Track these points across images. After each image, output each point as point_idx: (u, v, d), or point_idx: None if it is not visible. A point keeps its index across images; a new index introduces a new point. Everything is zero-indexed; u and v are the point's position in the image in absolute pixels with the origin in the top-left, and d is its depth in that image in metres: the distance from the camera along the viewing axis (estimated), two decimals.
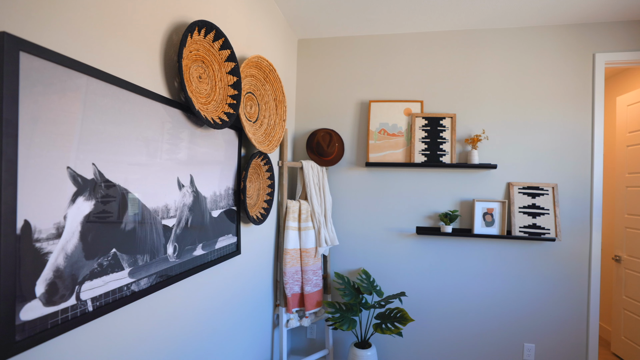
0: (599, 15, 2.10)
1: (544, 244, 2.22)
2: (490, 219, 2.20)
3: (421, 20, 2.21)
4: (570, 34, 2.22)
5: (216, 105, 1.37)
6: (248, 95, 1.66)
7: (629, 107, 2.78)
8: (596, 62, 2.20)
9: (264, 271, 2.00)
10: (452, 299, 2.31)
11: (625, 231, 2.78)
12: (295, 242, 2.08)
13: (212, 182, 1.43)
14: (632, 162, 2.73)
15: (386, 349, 2.38)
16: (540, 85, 2.24)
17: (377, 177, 2.38)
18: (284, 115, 1.89)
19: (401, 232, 2.35)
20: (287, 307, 2.05)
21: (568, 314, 2.21)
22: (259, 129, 1.75)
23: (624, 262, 2.79)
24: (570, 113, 2.22)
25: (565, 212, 2.21)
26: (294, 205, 2.10)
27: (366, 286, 2.18)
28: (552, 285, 2.22)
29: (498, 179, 2.26)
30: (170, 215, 1.16)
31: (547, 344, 2.23)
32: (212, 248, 1.43)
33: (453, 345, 2.31)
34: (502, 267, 2.26)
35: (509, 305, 2.26)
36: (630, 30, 2.16)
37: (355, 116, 2.42)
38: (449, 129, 2.25)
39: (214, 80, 1.36)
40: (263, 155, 1.78)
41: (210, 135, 1.42)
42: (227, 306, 1.59)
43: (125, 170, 0.96)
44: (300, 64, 2.50)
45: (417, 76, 2.35)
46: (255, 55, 1.60)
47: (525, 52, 2.26)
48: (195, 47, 1.23)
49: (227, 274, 1.59)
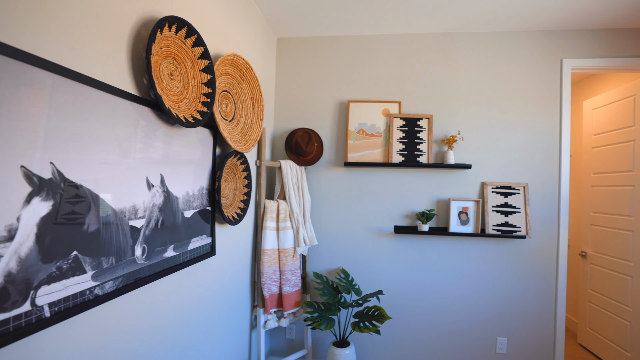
0: (566, 23, 2.20)
1: (516, 242, 2.30)
2: (465, 218, 2.26)
3: (399, 22, 2.24)
4: (539, 40, 2.31)
5: (189, 103, 1.34)
6: (224, 94, 1.64)
7: (594, 110, 2.92)
8: (563, 68, 2.30)
9: (241, 272, 1.97)
10: (429, 297, 2.36)
11: (591, 228, 2.93)
12: (273, 242, 2.07)
13: (184, 181, 1.40)
14: (597, 162, 2.88)
15: (365, 347, 2.40)
16: (513, 88, 2.32)
17: (356, 176, 2.40)
18: (261, 114, 1.87)
19: (379, 231, 2.38)
20: (265, 308, 2.03)
21: (538, 307, 2.30)
22: (235, 128, 1.72)
23: (589, 258, 2.94)
24: (540, 115, 2.31)
25: (535, 211, 2.30)
26: (272, 205, 2.09)
27: (345, 285, 2.19)
28: (523, 281, 2.31)
29: (473, 179, 2.33)
30: (138, 216, 1.13)
31: (518, 337, 2.31)
32: (185, 249, 1.40)
33: (430, 342, 2.36)
34: (477, 264, 2.33)
35: (483, 301, 2.33)
36: (596, 38, 2.27)
37: (334, 116, 2.43)
38: (426, 130, 2.29)
39: (187, 77, 1.33)
40: (239, 155, 1.76)
41: (183, 134, 1.38)
42: (201, 308, 1.56)
43: (89, 170, 0.92)
44: (280, 63, 2.49)
45: (395, 77, 2.39)
46: (231, 53, 1.58)
47: (499, 56, 2.33)
48: (166, 43, 1.20)
49: (202, 275, 1.56)
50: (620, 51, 2.26)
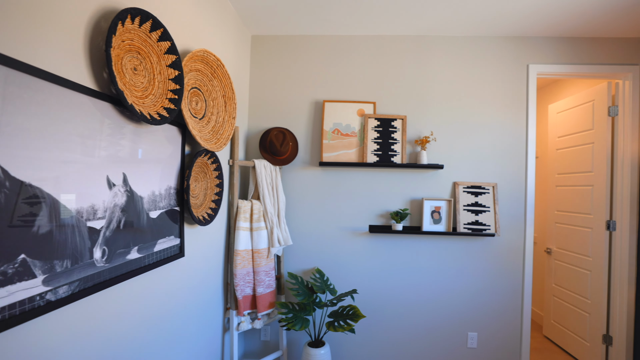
0: (532, 30, 2.30)
1: (485, 239, 2.38)
2: (437, 217, 2.32)
3: (375, 24, 2.26)
4: (508, 46, 2.40)
5: (155, 99, 1.29)
6: (193, 91, 1.59)
7: (558, 114, 3.07)
8: (530, 73, 2.41)
9: (213, 274, 1.93)
10: (402, 294, 2.40)
11: (555, 226, 3.08)
12: (247, 242, 2.04)
13: (150, 181, 1.35)
14: (560, 163, 3.03)
15: (340, 346, 2.41)
16: (483, 91, 2.40)
17: (331, 176, 2.40)
18: (233, 112, 1.83)
19: (355, 231, 2.40)
20: (238, 310, 2.00)
21: (506, 302, 2.39)
22: (206, 126, 1.68)
23: (554, 254, 3.09)
24: (508, 118, 2.40)
25: (504, 210, 2.39)
26: (245, 205, 2.05)
27: (320, 285, 2.19)
28: (492, 277, 2.39)
29: (445, 179, 2.39)
30: (97, 217, 1.07)
31: (488, 331, 2.39)
32: (150, 251, 1.35)
33: (404, 338, 2.40)
34: (449, 262, 2.39)
35: (454, 298, 2.40)
36: (559, 46, 2.39)
37: (309, 116, 2.42)
38: (400, 130, 2.33)
39: (152, 73, 1.28)
40: (210, 154, 1.72)
41: (149, 132, 1.33)
42: (169, 312, 1.51)
43: (40, 168, 0.87)
44: (254, 61, 2.45)
45: (370, 78, 2.41)
46: (201, 49, 1.53)
47: (470, 59, 2.41)
48: (129, 36, 1.15)
49: (169, 277, 1.51)
50: (581, 58, 2.38)
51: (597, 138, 2.59)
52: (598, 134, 2.58)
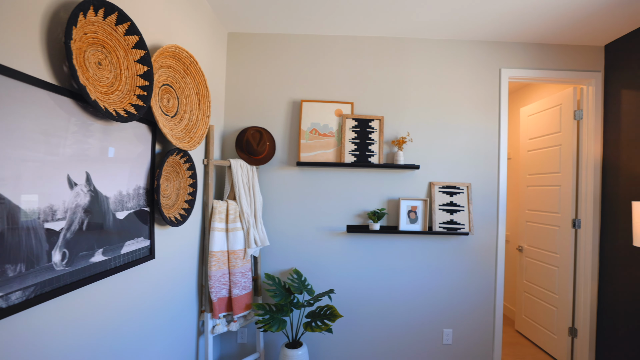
0: (505, 35, 2.38)
1: (460, 238, 2.44)
2: (414, 216, 2.36)
3: (353, 24, 2.27)
4: (482, 50, 2.47)
5: (121, 96, 1.24)
6: (165, 88, 1.54)
7: (529, 117, 3.20)
8: (502, 76, 2.49)
9: (186, 276, 1.87)
10: (380, 293, 2.42)
11: (526, 224, 3.20)
12: (222, 243, 2.00)
13: (117, 180, 1.30)
14: (531, 164, 3.15)
15: (319, 346, 2.40)
16: (458, 94, 2.46)
17: (309, 176, 2.40)
18: (208, 110, 1.79)
19: (332, 231, 2.40)
20: (213, 313, 1.95)
21: (479, 299, 2.46)
22: (178, 124, 1.63)
23: (525, 252, 3.21)
24: (482, 120, 2.47)
25: (477, 209, 2.46)
26: (220, 206, 2.01)
27: (297, 286, 2.17)
28: (466, 275, 2.45)
29: (421, 179, 2.43)
30: (57, 218, 1.02)
31: (462, 328, 2.45)
32: (117, 253, 1.30)
33: (381, 337, 2.43)
34: (425, 260, 2.43)
35: (430, 296, 2.44)
36: (530, 51, 2.48)
37: (287, 115, 2.40)
38: (377, 131, 2.35)
39: (119, 68, 1.23)
40: (183, 153, 1.67)
41: (116, 129, 1.28)
42: (139, 316, 1.45)
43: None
44: (231, 59, 2.41)
45: (348, 78, 2.42)
46: (172, 45, 1.49)
47: (446, 62, 2.46)
48: (92, 29, 1.10)
49: (139, 280, 1.45)
50: (549, 64, 2.49)
51: (564, 140, 2.71)
52: (565, 136, 2.70)
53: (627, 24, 2.18)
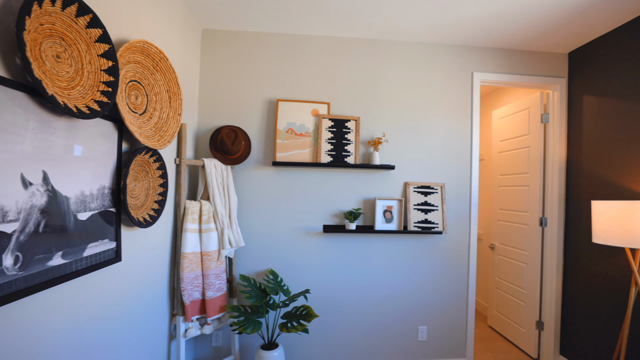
0: (476, 40, 2.45)
1: (434, 237, 2.50)
2: (389, 216, 2.39)
3: (330, 25, 2.28)
4: (455, 53, 2.54)
5: (83, 91, 1.18)
6: (133, 84, 1.49)
7: (500, 119, 3.32)
8: (474, 80, 2.57)
9: (157, 279, 1.82)
10: (356, 292, 2.44)
11: (498, 223, 3.32)
12: (195, 245, 1.95)
13: (79, 180, 1.24)
14: (502, 165, 3.27)
15: (295, 347, 2.39)
16: (433, 96, 2.52)
17: (285, 176, 2.38)
18: (179, 108, 1.75)
19: (309, 231, 2.40)
20: (186, 316, 1.90)
21: (453, 296, 2.52)
22: (148, 122, 1.58)
23: (496, 250, 3.32)
24: (455, 122, 2.54)
25: (451, 208, 2.53)
26: (193, 206, 1.97)
27: (273, 286, 2.16)
28: (440, 273, 2.51)
29: (396, 179, 2.47)
30: (9, 219, 0.96)
31: (436, 324, 2.51)
32: (79, 256, 1.24)
33: (358, 335, 2.44)
34: (400, 259, 2.47)
35: (406, 293, 2.48)
36: (500, 56, 2.57)
37: (262, 114, 2.38)
38: (353, 131, 2.37)
39: (80, 62, 1.17)
40: (152, 152, 1.62)
41: (78, 126, 1.22)
42: (103, 322, 1.40)
43: None
44: (205, 56, 2.36)
45: (325, 78, 2.43)
46: (140, 40, 1.44)
47: (421, 64, 2.51)
48: (49, 20, 1.04)
49: (103, 284, 1.39)
50: (518, 69, 2.59)
51: (532, 142, 2.83)
52: (533, 138, 2.82)
53: (587, 33, 2.31)
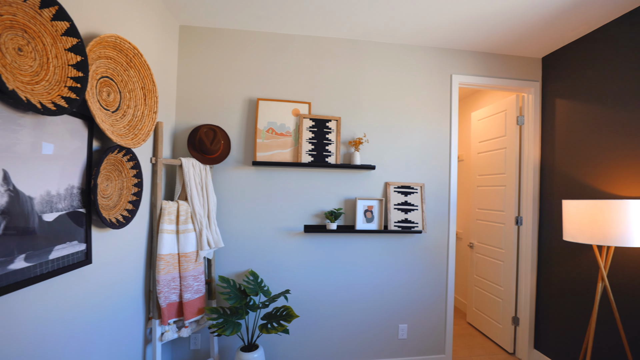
0: (455, 43, 2.51)
1: (414, 236, 2.54)
2: (370, 216, 2.41)
3: (311, 24, 2.28)
4: (435, 56, 2.59)
5: (49, 87, 1.14)
6: (105, 81, 1.44)
7: (479, 121, 3.40)
8: (453, 82, 2.62)
9: (131, 281, 1.76)
10: (337, 292, 2.45)
11: (476, 222, 3.40)
12: (172, 246, 1.90)
13: (45, 179, 1.19)
14: (481, 166, 3.36)
15: (276, 348, 2.37)
16: (413, 97, 2.56)
17: (265, 176, 2.36)
18: (155, 106, 1.70)
19: (290, 231, 2.39)
20: (162, 319, 1.86)
21: (432, 294, 2.57)
22: (121, 120, 1.53)
23: (475, 248, 3.41)
24: (435, 123, 2.59)
25: (430, 208, 2.57)
26: (170, 207, 1.92)
27: (253, 287, 2.13)
28: (420, 271, 2.55)
29: (377, 179, 2.49)
30: None
31: (416, 322, 2.54)
32: (44, 259, 1.18)
33: (339, 335, 2.45)
34: (381, 258, 2.50)
35: (386, 292, 2.51)
36: (478, 59, 2.64)
37: (242, 113, 2.35)
38: (334, 131, 2.37)
39: (46, 56, 1.12)
40: (126, 150, 1.57)
41: (46, 124, 1.17)
42: (73, 327, 1.34)
43: None
44: (183, 54, 2.31)
45: (306, 78, 2.42)
46: (112, 35, 1.39)
47: (401, 66, 2.54)
48: (10, 10, 0.99)
49: (72, 288, 1.34)
50: (495, 72, 2.66)
51: (509, 144, 2.91)
52: (509, 140, 2.91)
53: (559, 39, 2.40)
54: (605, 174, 2.14)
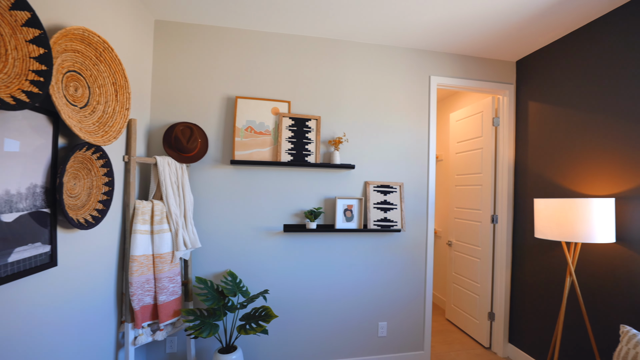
0: (434, 45, 2.55)
1: (393, 235, 2.57)
2: (350, 215, 2.42)
3: (291, 23, 2.26)
4: (414, 57, 2.63)
5: (8, 80, 1.08)
6: (72, 75, 1.38)
7: (457, 122, 3.48)
8: (431, 83, 2.67)
9: (102, 284, 1.70)
10: (317, 291, 2.45)
11: (455, 221, 3.48)
12: (146, 247, 1.85)
13: (3, 177, 1.13)
14: (459, 165, 3.43)
15: (256, 349, 2.35)
16: (392, 97, 2.59)
17: (244, 175, 2.33)
18: (127, 103, 1.65)
19: (269, 231, 2.37)
20: (135, 322, 1.80)
21: (412, 291, 2.60)
22: (89, 116, 1.48)
23: (453, 246, 3.48)
24: (414, 123, 2.62)
25: (409, 207, 2.61)
26: (144, 206, 1.86)
27: (231, 288, 2.10)
28: (399, 269, 2.58)
29: (357, 178, 2.51)
30: None
31: (396, 320, 2.58)
32: (3, 262, 1.12)
33: (319, 335, 2.45)
34: (360, 257, 2.51)
35: (366, 291, 2.53)
36: (456, 62, 2.70)
37: (220, 111, 2.31)
38: (314, 130, 2.37)
39: (4, 48, 1.07)
40: (95, 148, 1.51)
41: (4, 119, 1.11)
42: (36, 333, 1.28)
43: None
44: (159, 49, 2.24)
45: (285, 77, 2.41)
46: (79, 27, 1.34)
47: (381, 66, 2.57)
48: None
49: (35, 292, 1.28)
50: (472, 74, 2.73)
51: (485, 144, 2.99)
52: (485, 140, 2.99)
53: (532, 44, 2.48)
54: (574, 173, 2.23)
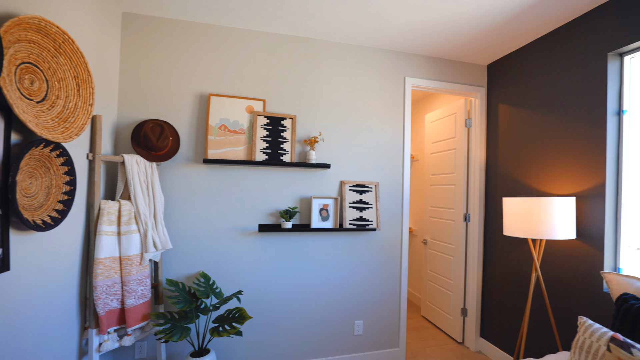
0: (408, 47, 2.60)
1: (369, 234, 2.59)
2: (325, 214, 2.42)
3: (266, 20, 2.24)
4: (389, 58, 2.66)
5: None
6: (27, 67, 1.31)
7: (432, 123, 3.57)
8: (406, 84, 2.72)
9: (62, 288, 1.61)
10: (293, 291, 2.43)
11: (430, 220, 3.56)
12: (113, 249, 1.77)
13: None
14: (433, 165, 3.52)
15: (231, 351, 2.30)
16: (368, 98, 2.61)
17: (218, 174, 2.29)
18: (90, 98, 1.57)
19: (243, 231, 2.33)
20: (100, 328, 1.72)
21: (387, 289, 2.64)
22: (48, 111, 1.40)
23: (429, 244, 3.56)
24: (389, 123, 2.66)
25: (384, 206, 2.64)
26: (110, 207, 1.79)
27: (204, 290, 2.05)
28: (375, 268, 2.61)
29: (333, 178, 2.51)
30: None
31: (372, 318, 2.60)
32: None
33: (295, 334, 2.44)
34: (336, 256, 2.52)
35: (342, 290, 2.54)
36: (430, 64, 2.76)
37: (193, 109, 2.25)
38: (289, 129, 2.36)
39: None
40: (54, 145, 1.43)
41: None
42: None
43: None
44: (126, 43, 2.16)
45: (260, 75, 2.38)
46: (34, 16, 1.26)
47: (356, 66, 2.59)
48: None
49: None
50: (446, 77, 2.80)
51: (458, 145, 3.08)
52: (458, 141, 3.07)
53: (502, 49, 2.58)
54: (540, 173, 2.33)
